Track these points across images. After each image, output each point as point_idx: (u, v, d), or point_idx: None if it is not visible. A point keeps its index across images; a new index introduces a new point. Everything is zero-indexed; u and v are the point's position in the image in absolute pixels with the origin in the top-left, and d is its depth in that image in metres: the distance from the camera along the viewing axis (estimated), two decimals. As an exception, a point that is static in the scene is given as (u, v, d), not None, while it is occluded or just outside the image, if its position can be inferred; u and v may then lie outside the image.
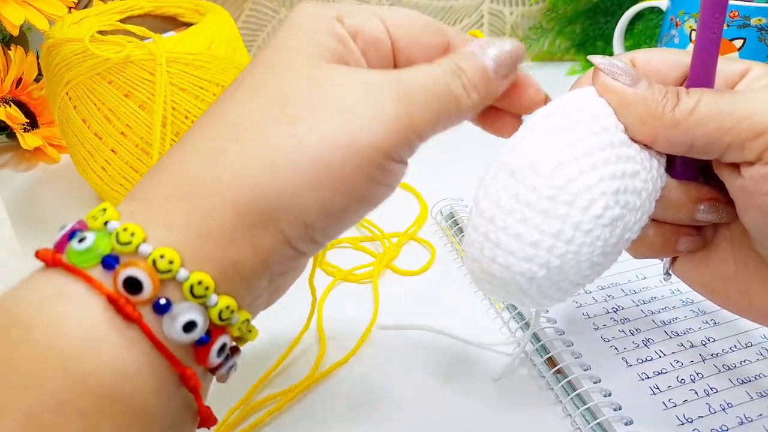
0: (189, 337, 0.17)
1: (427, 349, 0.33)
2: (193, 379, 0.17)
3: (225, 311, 0.18)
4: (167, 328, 0.17)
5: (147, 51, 0.36)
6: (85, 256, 0.17)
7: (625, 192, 0.21)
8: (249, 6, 0.64)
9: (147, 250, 0.17)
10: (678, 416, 0.28)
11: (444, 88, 0.20)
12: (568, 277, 0.21)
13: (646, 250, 0.24)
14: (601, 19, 0.64)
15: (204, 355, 0.18)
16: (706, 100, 0.20)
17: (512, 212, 0.21)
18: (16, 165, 0.50)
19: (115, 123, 0.38)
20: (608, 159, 0.20)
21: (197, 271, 0.17)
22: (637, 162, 0.21)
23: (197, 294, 0.17)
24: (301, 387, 0.30)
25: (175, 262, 0.17)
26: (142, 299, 0.16)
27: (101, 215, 0.18)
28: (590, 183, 0.20)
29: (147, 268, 0.17)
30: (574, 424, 0.28)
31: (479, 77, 0.21)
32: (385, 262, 0.38)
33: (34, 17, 0.44)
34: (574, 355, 0.30)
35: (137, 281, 0.16)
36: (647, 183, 0.21)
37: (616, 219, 0.21)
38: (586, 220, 0.20)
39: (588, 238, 0.20)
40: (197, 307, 0.17)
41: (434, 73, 0.20)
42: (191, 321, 0.17)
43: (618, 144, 0.21)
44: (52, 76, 0.39)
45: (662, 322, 0.33)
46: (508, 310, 0.34)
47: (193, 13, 0.45)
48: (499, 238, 0.21)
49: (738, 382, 0.29)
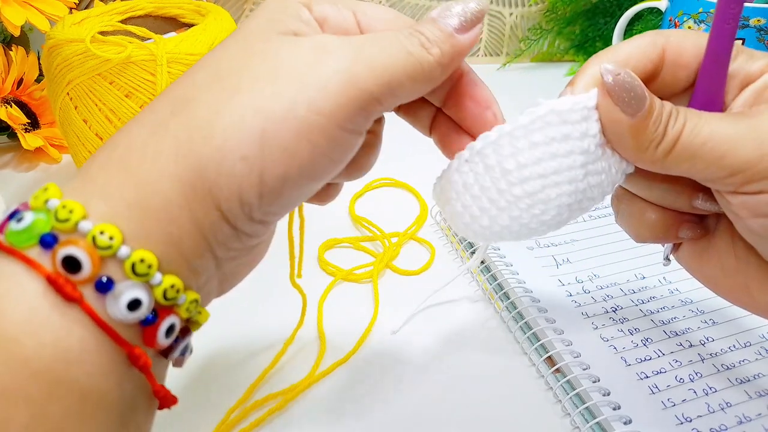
0: (134, 316, 0.16)
1: (427, 349, 0.33)
2: (142, 358, 0.17)
3: (170, 290, 0.17)
4: (110, 307, 0.16)
5: (148, 51, 0.36)
6: (22, 236, 0.16)
7: (581, 201, 0.22)
8: (249, 7, 0.65)
9: (86, 227, 0.16)
10: (677, 415, 0.28)
11: (398, 48, 0.19)
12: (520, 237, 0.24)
13: (647, 233, 0.24)
14: (600, 20, 0.64)
15: (151, 335, 0.17)
16: (683, 142, 0.20)
17: (477, 198, 0.23)
18: (17, 165, 0.50)
19: (116, 123, 0.38)
20: (575, 177, 0.22)
21: (139, 249, 0.17)
22: (604, 171, 0.22)
23: (139, 272, 0.16)
24: (301, 386, 0.30)
25: (116, 238, 0.16)
26: (82, 278, 0.16)
27: (43, 194, 0.17)
28: (550, 197, 0.22)
29: (86, 246, 0.16)
30: (573, 423, 0.28)
31: (439, 32, 0.20)
32: (385, 262, 0.38)
33: (35, 18, 0.44)
34: (573, 355, 0.31)
35: (76, 260, 0.16)
36: (606, 187, 0.23)
37: (562, 221, 0.23)
38: (534, 221, 0.22)
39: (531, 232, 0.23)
40: (141, 284, 0.17)
41: (388, 35, 0.19)
42: (135, 299, 0.16)
43: (592, 161, 0.22)
44: (53, 76, 0.39)
45: (661, 322, 0.33)
46: (508, 309, 0.34)
47: (193, 14, 0.45)
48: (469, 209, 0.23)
49: (737, 381, 0.29)
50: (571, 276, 0.36)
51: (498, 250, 0.38)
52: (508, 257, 0.37)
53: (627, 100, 0.20)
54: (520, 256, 0.37)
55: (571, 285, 0.35)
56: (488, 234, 0.24)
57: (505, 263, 0.36)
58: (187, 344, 0.19)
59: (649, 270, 0.36)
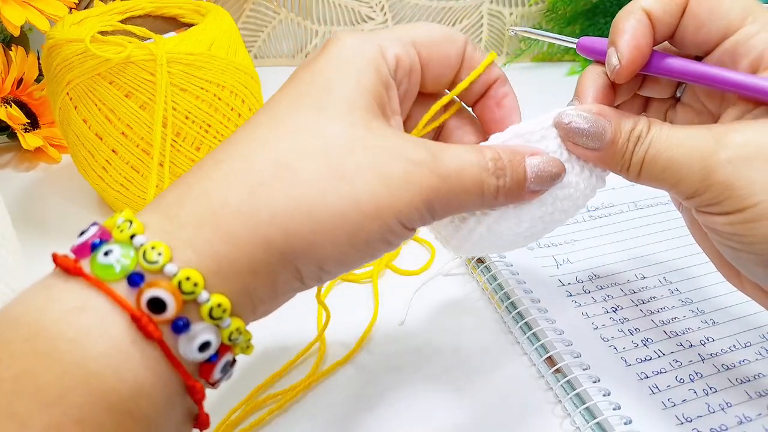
0: (202, 357, 0.18)
1: (427, 349, 0.33)
2: (201, 392, 0.18)
3: (235, 332, 0.18)
4: (183, 346, 0.17)
5: (148, 51, 0.36)
6: (110, 270, 0.17)
7: (552, 213, 0.24)
8: (249, 7, 0.65)
9: (172, 270, 0.17)
10: (677, 416, 0.28)
11: (476, 184, 0.21)
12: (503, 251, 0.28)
13: None
14: (600, 20, 0.64)
15: (209, 371, 0.18)
16: (646, 168, 0.22)
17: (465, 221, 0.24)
18: (17, 165, 0.50)
19: (115, 123, 0.38)
20: (544, 199, 0.24)
21: (217, 294, 0.18)
22: (572, 186, 0.24)
23: (215, 316, 0.18)
24: (302, 386, 0.30)
25: (199, 284, 0.17)
26: (164, 319, 0.17)
27: (127, 228, 0.18)
28: (522, 211, 0.23)
29: (172, 289, 0.17)
30: (573, 423, 0.28)
31: (516, 183, 0.22)
32: (385, 262, 0.38)
33: (35, 18, 0.44)
34: (573, 355, 0.31)
35: (161, 301, 0.17)
36: (578, 201, 0.25)
37: (536, 233, 0.25)
38: (511, 234, 0.24)
39: (510, 241, 0.25)
40: (212, 328, 0.18)
41: (472, 164, 0.21)
42: (206, 342, 0.17)
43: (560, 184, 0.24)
44: (53, 76, 0.39)
45: (661, 322, 0.33)
46: (508, 309, 0.34)
47: (193, 14, 0.45)
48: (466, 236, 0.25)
49: (737, 381, 0.29)
50: (571, 276, 0.36)
51: (498, 250, 0.38)
52: (508, 257, 0.37)
53: (585, 140, 0.23)
54: (520, 256, 0.37)
55: (572, 285, 0.35)
56: (466, 251, 0.26)
57: (505, 263, 0.36)
58: (230, 373, 0.20)
59: (650, 270, 0.36)
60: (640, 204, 0.42)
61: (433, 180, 0.20)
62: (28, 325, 0.16)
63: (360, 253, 0.20)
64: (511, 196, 0.22)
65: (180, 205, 0.19)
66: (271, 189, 0.19)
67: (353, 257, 0.20)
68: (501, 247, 0.26)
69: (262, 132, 0.20)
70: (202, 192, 0.19)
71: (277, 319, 0.23)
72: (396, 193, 0.19)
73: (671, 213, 0.41)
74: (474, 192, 0.21)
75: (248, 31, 0.66)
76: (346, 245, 0.19)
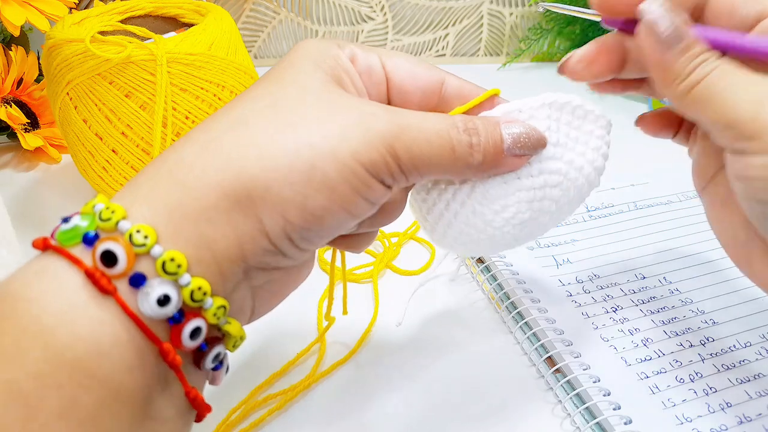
0: (163, 312, 0.17)
1: (426, 349, 0.33)
2: (171, 353, 0.17)
3: (197, 292, 0.18)
4: (141, 302, 0.17)
5: (148, 51, 0.36)
6: (68, 235, 0.18)
7: (542, 200, 0.24)
8: (249, 7, 0.65)
9: (126, 226, 0.17)
10: (677, 416, 0.28)
11: (443, 140, 0.21)
12: (486, 248, 0.26)
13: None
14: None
15: (177, 334, 0.18)
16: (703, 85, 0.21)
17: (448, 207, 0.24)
18: (17, 165, 0.50)
19: (115, 123, 0.38)
20: (531, 172, 0.23)
21: (171, 250, 0.18)
22: (562, 173, 0.24)
23: (169, 270, 0.17)
24: (301, 387, 0.30)
25: (150, 237, 0.17)
26: (118, 272, 0.17)
27: (92, 201, 0.19)
28: (508, 191, 0.23)
29: (123, 243, 0.17)
30: (573, 423, 0.28)
31: (492, 144, 0.22)
32: (385, 262, 0.38)
33: (35, 18, 0.44)
34: (573, 355, 0.31)
35: (113, 254, 0.17)
36: (569, 191, 0.24)
37: (526, 221, 0.24)
38: (498, 219, 0.24)
39: (498, 232, 0.24)
40: (170, 282, 0.18)
41: (437, 121, 0.21)
42: (165, 295, 0.17)
43: (545, 158, 0.24)
44: (53, 76, 0.39)
45: (661, 322, 0.33)
46: (508, 309, 0.34)
47: (193, 14, 0.45)
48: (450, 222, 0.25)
49: (737, 381, 0.29)
50: (571, 276, 0.36)
51: (498, 250, 0.38)
52: (508, 257, 0.37)
53: (659, 38, 0.22)
54: (520, 256, 0.37)
55: (572, 285, 0.35)
56: (452, 241, 0.25)
57: (505, 263, 0.36)
58: (218, 355, 0.20)
59: (650, 270, 0.36)
60: (640, 204, 0.42)
61: (392, 127, 0.20)
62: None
63: (324, 197, 0.19)
64: (489, 156, 0.22)
65: (141, 173, 0.19)
66: (222, 142, 0.19)
67: (318, 202, 0.19)
68: (490, 242, 0.25)
69: (223, 107, 0.21)
70: (161, 158, 0.20)
71: (276, 318, 0.23)
72: (351, 134, 0.19)
73: (671, 213, 0.41)
74: (441, 145, 0.21)
75: (248, 31, 0.66)
76: (303, 185, 0.19)
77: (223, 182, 0.18)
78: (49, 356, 0.16)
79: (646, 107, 0.56)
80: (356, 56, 0.23)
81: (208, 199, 0.18)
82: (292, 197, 0.19)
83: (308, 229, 0.19)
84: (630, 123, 0.28)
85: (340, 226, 0.20)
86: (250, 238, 0.19)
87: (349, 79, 0.22)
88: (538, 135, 0.23)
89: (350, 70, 0.22)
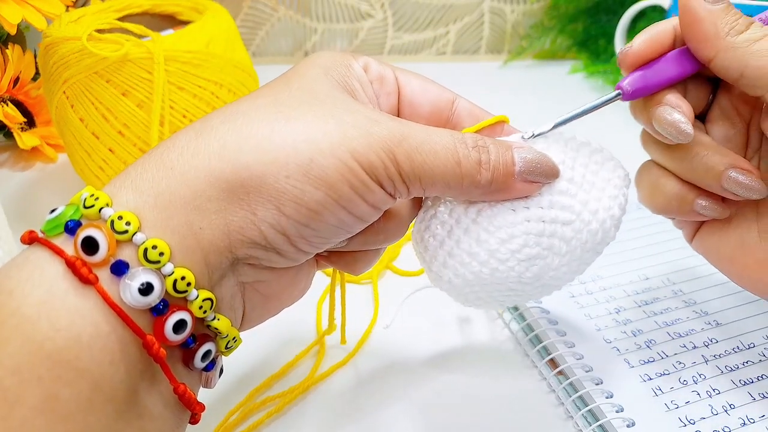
0: (145, 301, 0.17)
1: (425, 351, 0.32)
2: (155, 346, 0.17)
3: (180, 282, 0.17)
4: (123, 291, 0.17)
5: (145, 49, 0.36)
6: (52, 224, 0.17)
7: (552, 236, 0.22)
8: (248, 4, 0.64)
9: (108, 212, 0.17)
10: (680, 418, 0.27)
11: (449, 154, 0.20)
12: (489, 291, 0.24)
13: (663, 202, 0.25)
14: (602, 18, 0.64)
15: (160, 327, 0.17)
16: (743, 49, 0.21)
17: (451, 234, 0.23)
18: (13, 164, 0.50)
19: (112, 122, 0.38)
20: (541, 203, 0.22)
21: (154, 238, 0.17)
22: (575, 212, 0.23)
23: (151, 258, 0.17)
24: (300, 389, 0.29)
25: (132, 224, 0.17)
26: (99, 260, 0.16)
27: (81, 191, 0.18)
28: (516, 221, 0.22)
29: (105, 230, 0.17)
30: (576, 426, 0.28)
31: (503, 164, 0.21)
32: (385, 262, 0.38)
33: (32, 16, 0.44)
34: (576, 357, 0.30)
35: (94, 241, 0.16)
36: (581, 233, 0.23)
37: (533, 257, 0.23)
38: (503, 250, 0.22)
39: (502, 266, 0.22)
40: (152, 271, 0.17)
41: (444, 134, 0.20)
42: (147, 283, 0.17)
43: (558, 192, 0.23)
44: (50, 74, 0.38)
45: (664, 324, 0.33)
46: (510, 311, 0.34)
47: (191, 12, 0.44)
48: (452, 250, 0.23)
49: (740, 383, 0.29)
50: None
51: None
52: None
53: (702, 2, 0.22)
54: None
55: (574, 287, 0.35)
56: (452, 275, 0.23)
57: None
58: (208, 353, 0.19)
59: (653, 271, 0.36)
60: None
61: (395, 134, 0.19)
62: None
63: (321, 193, 0.18)
64: (499, 176, 0.21)
65: (134, 163, 0.19)
66: (218, 130, 0.18)
67: (314, 197, 0.18)
68: (491, 279, 0.23)
69: (225, 105, 0.21)
70: (155, 149, 0.19)
71: (275, 320, 0.23)
72: (351, 134, 0.19)
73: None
74: (446, 159, 0.20)
75: (247, 29, 0.65)
76: (300, 179, 0.18)
77: (216, 169, 0.18)
78: (28, 349, 0.15)
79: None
80: (369, 65, 0.23)
81: (198, 186, 0.18)
82: (288, 190, 0.18)
83: (305, 225, 0.19)
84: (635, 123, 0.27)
85: (341, 226, 0.20)
86: (238, 228, 0.18)
87: (360, 86, 0.22)
88: (552, 164, 0.22)
89: (362, 77, 0.22)
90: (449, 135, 0.20)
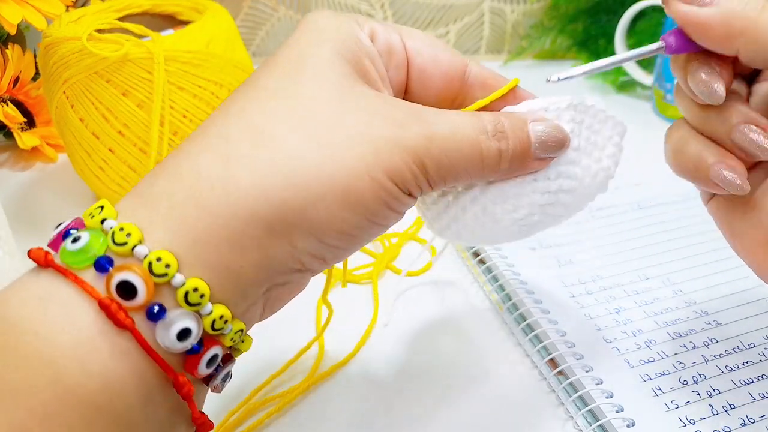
0: (182, 346, 0.16)
1: (427, 351, 0.32)
2: (186, 386, 0.17)
3: (218, 321, 0.17)
4: (160, 335, 0.16)
5: (145, 49, 0.36)
6: (78, 257, 0.16)
7: (554, 204, 0.23)
8: (248, 4, 0.64)
9: (143, 252, 0.16)
10: (680, 418, 0.27)
11: (472, 146, 0.20)
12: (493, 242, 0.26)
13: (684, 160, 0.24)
14: (602, 17, 0.64)
15: (194, 364, 0.17)
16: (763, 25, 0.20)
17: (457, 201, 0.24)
18: (13, 164, 0.50)
19: (112, 122, 0.38)
20: (548, 175, 0.23)
21: (193, 278, 0.16)
22: (578, 179, 0.23)
23: (192, 302, 0.16)
24: (300, 389, 0.29)
25: (171, 266, 0.16)
26: (136, 305, 0.16)
27: (98, 213, 0.17)
28: (523, 192, 0.23)
29: (142, 272, 0.16)
30: (576, 426, 0.28)
31: (520, 148, 0.21)
32: (385, 262, 0.38)
33: (32, 16, 0.44)
34: (576, 357, 0.30)
35: (131, 286, 0.16)
36: (580, 197, 0.24)
37: (535, 223, 0.24)
38: (507, 219, 0.23)
39: (504, 231, 0.24)
40: (191, 314, 0.16)
41: (467, 130, 0.20)
42: (186, 329, 0.16)
43: (564, 162, 0.23)
44: (50, 74, 0.38)
45: (665, 323, 0.33)
46: (510, 311, 0.34)
47: (191, 11, 0.44)
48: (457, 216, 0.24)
49: (740, 383, 0.29)
50: (574, 277, 0.36)
51: (500, 251, 0.37)
52: (510, 258, 0.37)
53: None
54: (522, 257, 0.37)
55: (574, 286, 0.35)
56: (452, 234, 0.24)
57: (507, 264, 0.36)
58: (228, 371, 0.19)
59: (653, 271, 0.36)
60: (643, 204, 0.42)
61: (421, 141, 0.19)
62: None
63: (358, 216, 0.18)
64: (516, 161, 0.21)
65: (153, 184, 0.18)
66: (250, 159, 0.17)
67: (352, 222, 0.18)
68: (490, 236, 0.24)
69: (237, 104, 0.19)
70: (175, 167, 0.18)
71: (275, 320, 0.23)
72: (383, 152, 0.18)
73: (675, 213, 0.41)
74: (471, 155, 0.20)
75: (247, 29, 0.65)
76: (339, 208, 0.18)
77: (252, 207, 0.17)
78: (58, 395, 0.15)
79: (650, 107, 0.56)
80: (376, 34, 0.22)
81: (236, 225, 0.17)
82: (328, 220, 0.18)
83: (344, 249, 0.19)
84: (635, 120, 0.27)
85: (371, 238, 0.20)
86: (279, 262, 0.18)
87: (372, 64, 0.21)
88: (564, 135, 0.22)
89: (372, 53, 0.21)
90: (471, 126, 0.20)
